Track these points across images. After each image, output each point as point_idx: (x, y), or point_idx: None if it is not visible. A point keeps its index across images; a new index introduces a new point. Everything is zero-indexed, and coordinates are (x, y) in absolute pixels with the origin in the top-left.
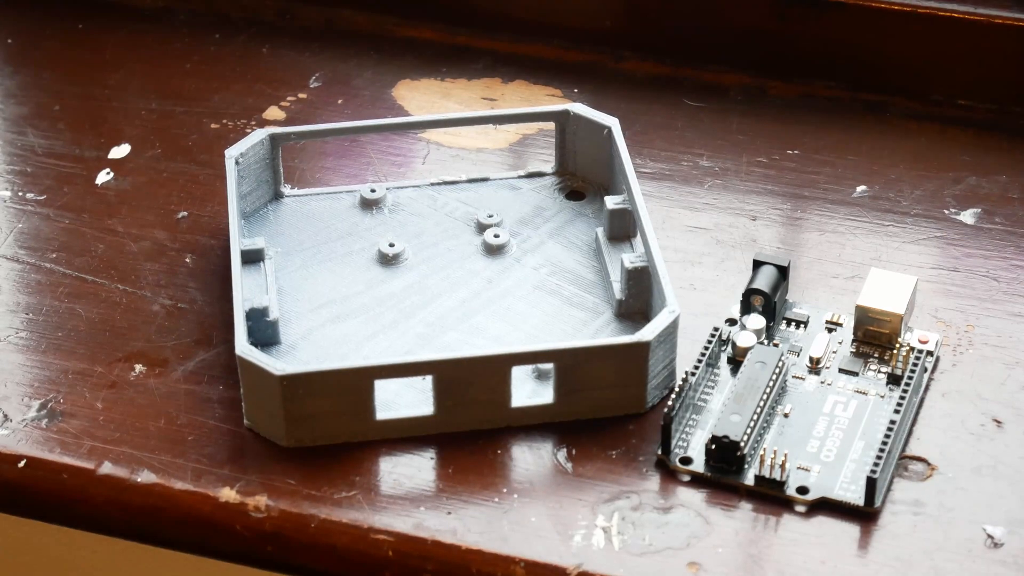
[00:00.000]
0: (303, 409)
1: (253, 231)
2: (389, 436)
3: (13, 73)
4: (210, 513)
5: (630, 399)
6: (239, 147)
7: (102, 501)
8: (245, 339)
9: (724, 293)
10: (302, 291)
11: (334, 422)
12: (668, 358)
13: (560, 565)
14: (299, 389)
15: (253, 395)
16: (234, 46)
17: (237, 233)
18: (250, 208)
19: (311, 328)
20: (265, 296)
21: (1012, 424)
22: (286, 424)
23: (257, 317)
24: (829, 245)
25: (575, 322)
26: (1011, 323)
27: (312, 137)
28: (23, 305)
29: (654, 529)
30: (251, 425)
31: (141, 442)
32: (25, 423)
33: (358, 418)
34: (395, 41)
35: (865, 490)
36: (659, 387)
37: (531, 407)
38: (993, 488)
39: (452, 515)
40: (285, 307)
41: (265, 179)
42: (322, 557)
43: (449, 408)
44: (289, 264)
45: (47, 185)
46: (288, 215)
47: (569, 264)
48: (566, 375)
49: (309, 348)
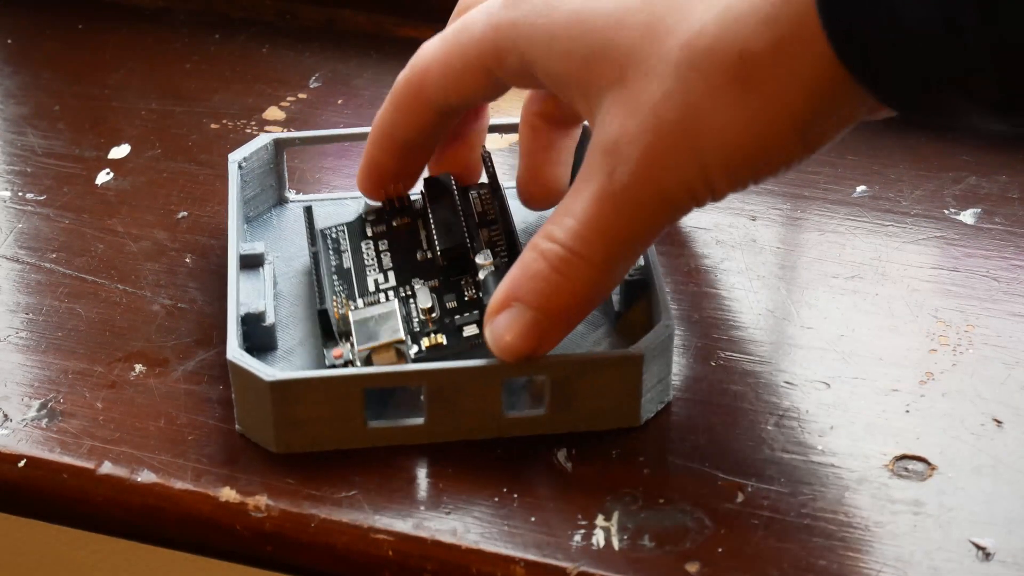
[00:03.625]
0: (293, 415)
1: (255, 236)
2: (379, 444)
3: (13, 73)
4: (210, 513)
5: (624, 412)
6: (242, 151)
7: (102, 501)
8: (236, 344)
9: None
10: (301, 297)
11: (324, 429)
12: (664, 372)
13: (560, 565)
14: (289, 395)
15: (244, 400)
16: (234, 46)
17: (236, 237)
18: (253, 213)
19: (309, 334)
20: (262, 301)
21: (1012, 424)
22: (276, 430)
23: (253, 322)
24: (829, 245)
25: (573, 334)
26: (1011, 323)
27: (317, 143)
28: (23, 305)
29: (654, 529)
30: (242, 430)
31: (141, 442)
32: (25, 423)
33: (348, 426)
34: (395, 41)
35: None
36: (653, 401)
37: (524, 418)
38: (993, 488)
39: (452, 515)
40: (283, 312)
41: (269, 184)
42: (322, 557)
43: (440, 418)
44: (289, 269)
45: (47, 185)
46: (291, 220)
47: None
48: (559, 387)
49: (306, 354)
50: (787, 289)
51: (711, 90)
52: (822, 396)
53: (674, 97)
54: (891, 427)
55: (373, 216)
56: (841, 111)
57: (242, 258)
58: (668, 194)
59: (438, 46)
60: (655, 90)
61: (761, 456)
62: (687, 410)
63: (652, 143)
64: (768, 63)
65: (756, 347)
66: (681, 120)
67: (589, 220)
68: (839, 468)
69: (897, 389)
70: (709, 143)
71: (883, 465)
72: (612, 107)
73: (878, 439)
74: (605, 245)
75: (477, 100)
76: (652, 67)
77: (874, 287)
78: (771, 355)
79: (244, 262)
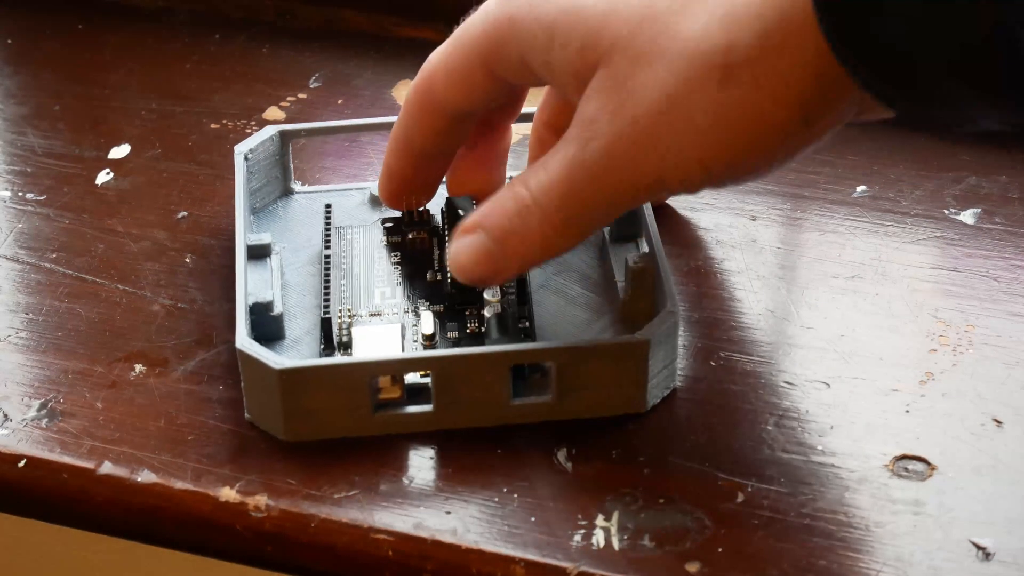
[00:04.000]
0: (302, 403)
1: (262, 227)
2: (388, 432)
3: (13, 73)
4: (210, 513)
5: (630, 399)
6: (248, 143)
7: (102, 501)
8: (245, 332)
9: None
10: (308, 286)
11: (332, 417)
12: (669, 358)
13: (560, 565)
14: (297, 383)
15: (253, 389)
16: (234, 46)
17: (243, 228)
18: (259, 204)
19: (316, 323)
20: (270, 291)
21: (1012, 424)
22: (284, 418)
23: (261, 311)
24: (829, 245)
25: (579, 322)
26: (1011, 323)
27: (322, 134)
28: (23, 305)
29: (654, 529)
30: (252, 419)
31: (141, 442)
32: (25, 423)
33: (356, 413)
34: (395, 41)
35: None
36: (659, 387)
37: (530, 405)
38: (993, 488)
39: (452, 515)
40: (291, 302)
41: (275, 175)
42: (322, 557)
43: (447, 405)
44: (296, 260)
45: (47, 185)
46: (297, 211)
47: (575, 263)
48: (565, 374)
49: (313, 343)
50: (787, 289)
51: (696, 86)
52: (822, 396)
53: (658, 86)
54: (891, 427)
55: (391, 224)
56: (829, 112)
57: (249, 249)
58: (634, 178)
59: (442, 49)
60: (640, 76)
61: (761, 456)
62: (687, 410)
63: (627, 126)
64: (755, 65)
65: (756, 347)
66: (661, 112)
67: (556, 181)
68: (839, 468)
69: (897, 389)
70: (687, 138)
71: (883, 465)
72: (597, 84)
73: (878, 439)
74: (565, 207)
75: (486, 102)
76: (641, 54)
77: (874, 287)
78: (771, 355)
79: (251, 252)
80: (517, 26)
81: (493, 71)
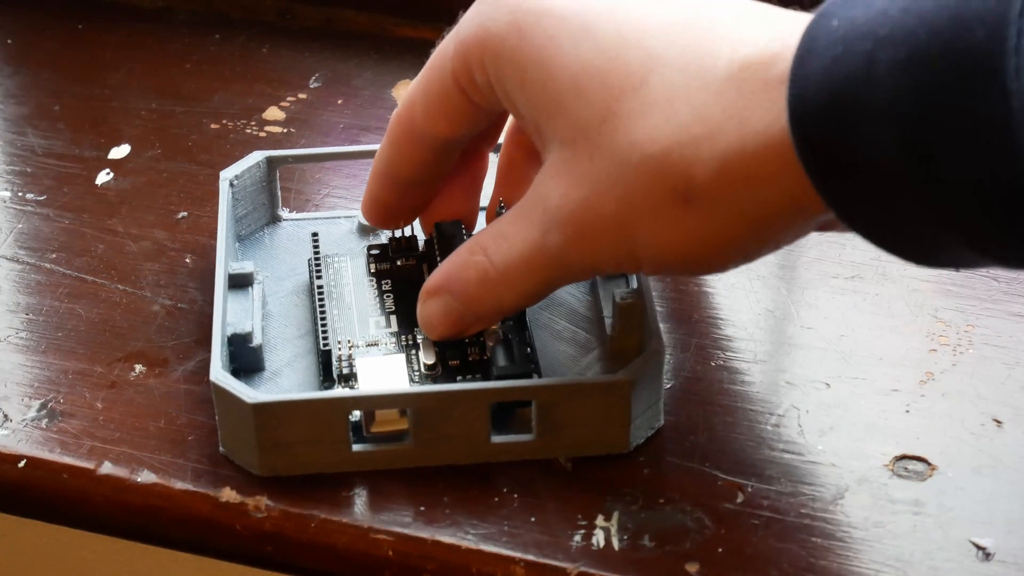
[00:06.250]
0: (277, 438)
1: (246, 255)
2: (364, 468)
3: (13, 73)
4: (210, 513)
5: (612, 438)
6: (234, 169)
7: (102, 501)
8: (220, 365)
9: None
10: (291, 317)
11: (309, 452)
12: (654, 398)
13: (560, 565)
14: (272, 418)
15: (227, 422)
16: (234, 46)
17: (224, 256)
18: (245, 231)
19: (297, 355)
20: (249, 321)
21: (1012, 424)
22: (259, 453)
23: (240, 343)
24: (829, 245)
25: (563, 358)
26: (1011, 323)
27: (309, 160)
28: (23, 305)
29: (654, 529)
30: (226, 452)
31: (141, 442)
32: (25, 423)
33: (332, 449)
34: (395, 41)
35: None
36: (643, 427)
37: (511, 443)
38: (993, 488)
39: (452, 515)
40: (272, 332)
41: (261, 202)
42: (322, 557)
43: (427, 441)
44: (280, 289)
45: (47, 185)
46: (284, 239)
47: (563, 298)
48: (546, 412)
49: (293, 375)
50: (787, 289)
51: (654, 199)
52: (822, 396)
53: (616, 190)
54: (891, 427)
55: (377, 251)
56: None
57: (231, 277)
58: (594, 266)
59: (419, 76)
60: (599, 174)
61: (761, 456)
62: (687, 410)
63: (588, 222)
64: (717, 193)
65: (756, 347)
66: (618, 213)
67: (518, 259)
68: (839, 468)
69: (897, 389)
70: (643, 241)
71: (883, 465)
72: (559, 164)
73: (878, 439)
74: (528, 281)
75: (465, 128)
76: (601, 151)
77: (874, 287)
78: (771, 355)
79: (233, 281)
80: (488, 50)
81: (465, 93)
